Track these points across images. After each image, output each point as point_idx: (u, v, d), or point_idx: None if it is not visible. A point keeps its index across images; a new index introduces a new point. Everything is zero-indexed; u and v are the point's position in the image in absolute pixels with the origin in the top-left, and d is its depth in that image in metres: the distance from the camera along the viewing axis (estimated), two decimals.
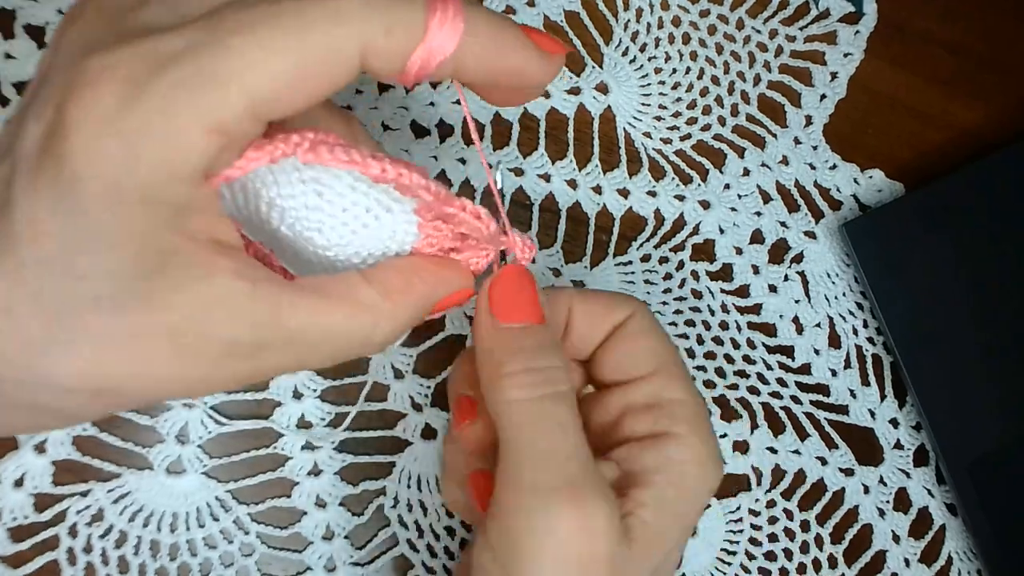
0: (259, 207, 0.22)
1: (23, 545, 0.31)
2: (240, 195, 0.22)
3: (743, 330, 0.39)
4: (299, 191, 0.22)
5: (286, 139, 0.20)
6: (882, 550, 0.39)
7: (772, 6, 0.42)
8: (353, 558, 0.34)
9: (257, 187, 0.21)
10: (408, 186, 0.22)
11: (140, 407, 0.19)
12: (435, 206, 0.22)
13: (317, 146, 0.20)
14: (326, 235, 0.22)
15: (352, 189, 0.22)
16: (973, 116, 0.43)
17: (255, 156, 0.20)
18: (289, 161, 0.21)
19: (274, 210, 0.22)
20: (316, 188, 0.22)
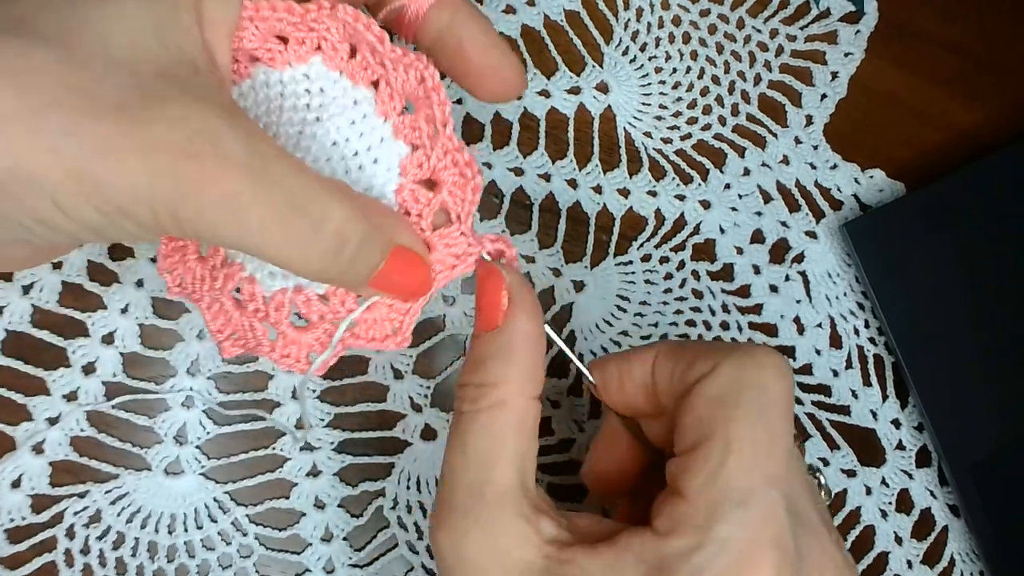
0: (262, 117, 0.23)
1: (20, 547, 0.31)
2: (252, 99, 0.23)
3: (744, 330, 0.39)
4: (300, 114, 0.22)
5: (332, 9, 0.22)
6: (884, 552, 0.38)
7: (772, 5, 0.42)
8: (352, 560, 0.34)
9: (266, 96, 0.23)
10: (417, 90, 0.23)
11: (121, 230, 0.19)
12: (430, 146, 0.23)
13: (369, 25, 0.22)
14: (307, 161, 0.23)
15: (351, 124, 0.23)
16: (973, 116, 0.43)
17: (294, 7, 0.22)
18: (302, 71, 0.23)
19: (272, 115, 0.23)
20: (317, 115, 0.22)
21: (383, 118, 0.23)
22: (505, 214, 0.37)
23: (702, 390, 0.23)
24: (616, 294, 0.38)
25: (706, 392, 0.23)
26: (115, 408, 0.32)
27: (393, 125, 0.23)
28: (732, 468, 0.21)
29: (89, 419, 0.32)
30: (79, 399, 0.32)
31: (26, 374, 0.32)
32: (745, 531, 0.21)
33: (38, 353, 0.32)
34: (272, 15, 0.22)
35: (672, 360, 0.25)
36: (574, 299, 0.37)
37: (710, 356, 0.23)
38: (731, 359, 0.23)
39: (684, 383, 0.24)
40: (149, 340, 0.33)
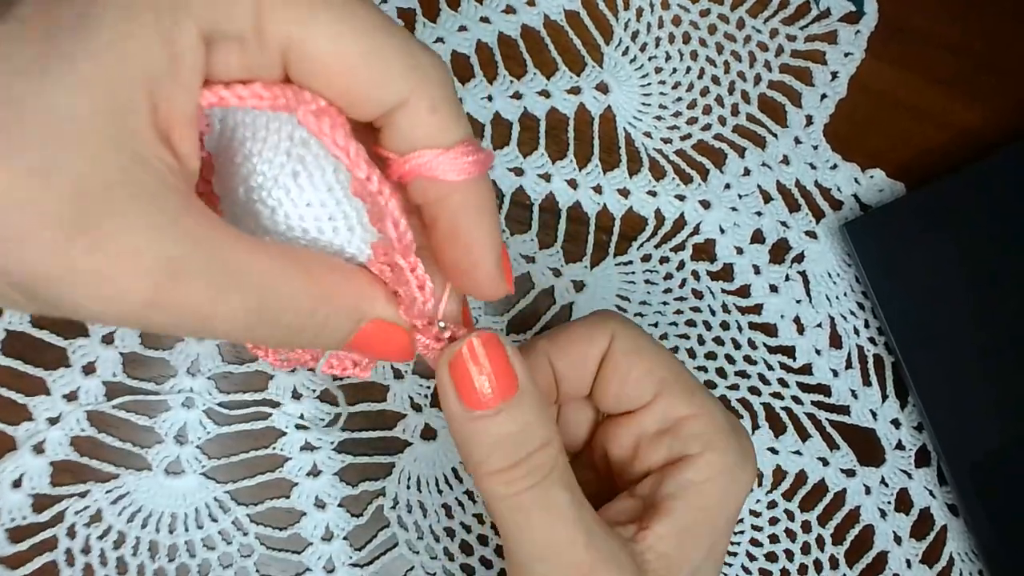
0: (235, 156, 0.21)
1: (21, 546, 0.31)
2: (227, 134, 0.21)
3: (744, 330, 0.39)
4: (279, 161, 0.21)
5: (299, 92, 0.19)
6: (884, 551, 0.38)
7: (772, 6, 0.42)
8: (352, 559, 0.34)
9: (243, 136, 0.21)
10: (381, 210, 0.20)
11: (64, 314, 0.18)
12: (392, 249, 0.21)
13: (322, 114, 0.19)
14: (277, 218, 0.21)
15: (328, 189, 0.21)
16: (973, 116, 0.43)
17: (259, 93, 0.19)
18: (286, 121, 0.20)
19: (246, 166, 0.21)
20: (295, 168, 0.21)
21: (359, 200, 0.21)
22: (505, 214, 0.37)
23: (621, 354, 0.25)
24: (616, 294, 0.38)
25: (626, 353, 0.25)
26: (115, 408, 0.32)
27: (367, 210, 0.21)
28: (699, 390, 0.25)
29: (90, 419, 0.32)
30: (79, 399, 0.32)
31: (26, 374, 0.32)
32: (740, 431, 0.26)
33: (38, 353, 0.32)
34: (236, 101, 0.19)
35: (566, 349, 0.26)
36: (574, 299, 0.37)
37: (601, 328, 0.26)
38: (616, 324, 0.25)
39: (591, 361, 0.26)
40: (149, 340, 0.33)
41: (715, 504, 0.24)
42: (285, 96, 0.19)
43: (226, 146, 0.21)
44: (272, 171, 0.21)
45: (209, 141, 0.22)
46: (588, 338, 0.25)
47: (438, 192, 0.20)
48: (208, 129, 0.22)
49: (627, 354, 0.25)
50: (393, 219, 0.20)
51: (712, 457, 0.24)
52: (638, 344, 0.25)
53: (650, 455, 0.25)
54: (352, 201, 0.21)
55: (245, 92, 0.18)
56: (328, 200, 0.21)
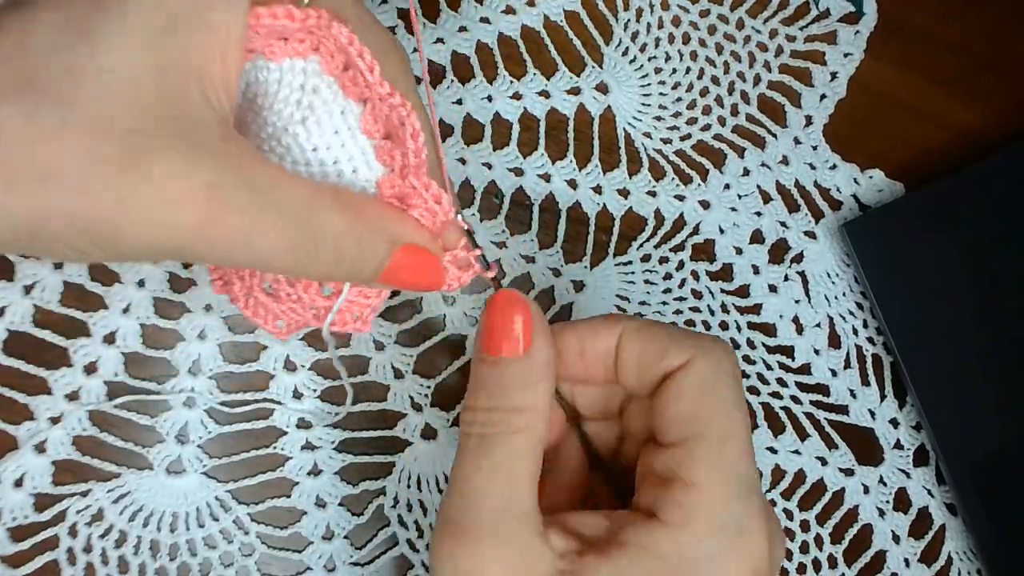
0: (248, 114, 0.23)
1: (23, 545, 0.31)
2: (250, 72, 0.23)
3: (743, 330, 0.39)
4: (288, 112, 0.23)
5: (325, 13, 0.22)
6: (882, 550, 0.39)
7: (772, 6, 0.42)
8: (353, 558, 0.34)
9: (254, 93, 0.23)
10: (397, 128, 0.23)
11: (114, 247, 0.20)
12: (397, 182, 0.23)
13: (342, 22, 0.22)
14: (285, 163, 0.23)
15: (335, 132, 0.23)
16: (973, 116, 0.43)
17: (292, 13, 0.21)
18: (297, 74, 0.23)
19: (258, 120, 0.23)
20: (303, 114, 0.23)
21: (366, 136, 0.24)
22: (505, 214, 0.37)
23: (684, 382, 0.24)
24: (616, 294, 0.38)
25: (689, 384, 0.24)
26: (117, 407, 0.32)
27: (374, 146, 0.24)
28: (733, 456, 0.23)
29: (91, 418, 0.32)
30: (81, 398, 0.32)
31: (28, 374, 0.32)
32: (751, 509, 0.23)
33: (40, 353, 0.32)
34: (273, 23, 0.22)
35: (642, 342, 0.25)
36: (574, 299, 0.37)
37: (683, 346, 0.24)
38: (704, 350, 0.24)
39: (658, 368, 0.24)
40: (150, 340, 0.33)
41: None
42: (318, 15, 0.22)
43: (242, 106, 0.23)
44: (281, 121, 0.23)
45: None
46: (666, 347, 0.24)
47: None
48: None
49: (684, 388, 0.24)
50: (413, 130, 0.22)
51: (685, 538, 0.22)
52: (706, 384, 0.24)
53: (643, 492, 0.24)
54: (358, 141, 0.23)
55: (281, 11, 0.21)
56: (334, 142, 0.23)
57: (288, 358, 0.34)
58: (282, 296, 0.26)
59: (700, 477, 0.22)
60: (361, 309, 0.26)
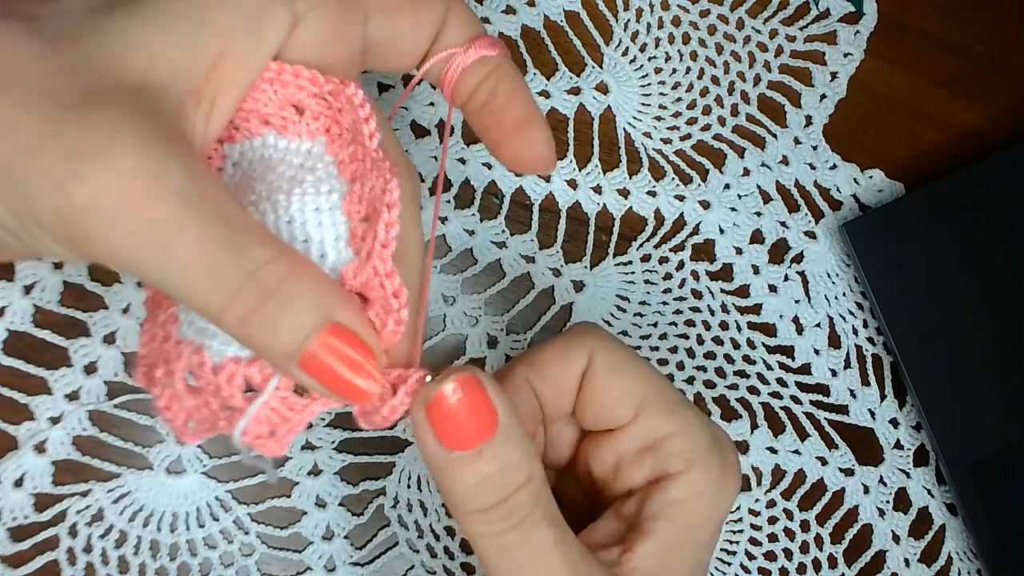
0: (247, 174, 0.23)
1: (23, 545, 0.31)
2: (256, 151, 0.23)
3: (743, 330, 0.39)
4: (280, 181, 0.22)
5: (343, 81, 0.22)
6: (882, 550, 0.39)
7: (772, 6, 0.42)
8: (353, 558, 0.34)
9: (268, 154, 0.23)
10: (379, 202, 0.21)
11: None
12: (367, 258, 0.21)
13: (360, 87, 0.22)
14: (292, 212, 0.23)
15: (315, 210, 0.22)
16: (973, 117, 0.43)
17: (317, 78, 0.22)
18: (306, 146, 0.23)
19: (250, 183, 0.23)
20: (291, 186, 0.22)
21: (346, 217, 0.22)
22: (505, 214, 0.37)
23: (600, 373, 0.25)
24: (616, 294, 0.38)
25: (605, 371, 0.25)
26: (117, 407, 0.32)
27: (350, 229, 0.22)
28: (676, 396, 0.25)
29: (91, 418, 0.32)
30: (81, 398, 0.32)
31: (28, 374, 0.32)
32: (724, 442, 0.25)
33: (40, 353, 0.32)
34: (293, 80, 0.22)
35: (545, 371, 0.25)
36: (574, 299, 0.37)
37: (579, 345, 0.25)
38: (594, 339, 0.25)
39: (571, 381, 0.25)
40: None
41: (699, 521, 0.24)
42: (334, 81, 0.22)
43: (235, 175, 0.23)
44: (268, 190, 0.22)
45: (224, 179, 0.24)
46: (566, 358, 0.25)
47: (487, 70, 0.25)
48: (220, 174, 0.24)
49: (606, 372, 0.25)
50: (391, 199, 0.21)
51: (695, 475, 0.24)
52: (617, 361, 0.25)
53: (632, 474, 0.25)
54: (336, 222, 0.22)
55: (306, 74, 0.22)
56: (311, 219, 0.22)
57: None
58: (201, 386, 0.22)
59: (672, 424, 0.24)
60: (280, 422, 0.21)
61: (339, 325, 0.19)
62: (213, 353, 0.21)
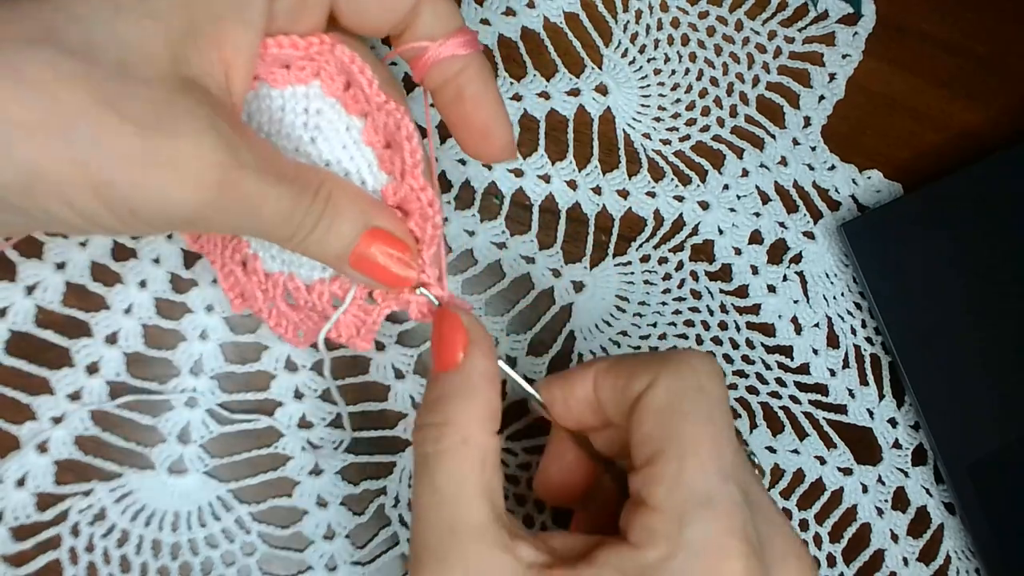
0: (264, 119, 0.25)
1: (25, 544, 0.31)
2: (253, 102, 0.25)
3: (742, 330, 0.39)
4: (297, 131, 0.25)
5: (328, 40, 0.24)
6: (880, 549, 0.39)
7: (771, 7, 0.42)
8: (354, 557, 0.34)
9: (260, 122, 0.25)
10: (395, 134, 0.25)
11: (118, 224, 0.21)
12: (400, 185, 0.25)
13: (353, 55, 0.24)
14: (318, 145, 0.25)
15: (343, 147, 0.25)
16: (972, 117, 0.43)
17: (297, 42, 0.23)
18: (300, 99, 0.25)
19: (273, 126, 0.25)
20: (312, 134, 0.25)
21: (370, 147, 0.25)
22: (505, 215, 0.37)
23: (647, 404, 0.24)
24: (615, 294, 0.38)
25: (651, 405, 0.24)
26: (119, 407, 0.33)
27: (377, 155, 0.25)
28: (691, 472, 0.22)
29: (93, 418, 0.32)
30: (83, 398, 0.32)
31: (30, 374, 0.32)
32: (713, 529, 0.22)
33: (42, 353, 0.32)
34: (279, 52, 0.24)
35: (612, 377, 0.25)
36: (573, 299, 0.37)
37: (648, 369, 0.24)
38: (667, 369, 0.24)
39: (627, 398, 0.25)
40: (152, 340, 0.33)
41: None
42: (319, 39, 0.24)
43: (254, 115, 0.25)
44: (291, 143, 0.25)
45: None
46: (631, 374, 0.25)
47: (457, 68, 0.26)
48: None
49: (647, 410, 0.24)
50: (408, 132, 0.24)
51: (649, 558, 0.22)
52: (669, 400, 0.24)
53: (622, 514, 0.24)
54: (364, 153, 0.25)
55: (286, 41, 0.23)
56: (343, 155, 0.25)
57: (289, 358, 0.34)
58: (300, 304, 0.28)
59: (659, 498, 0.22)
60: (360, 323, 0.28)
61: (376, 228, 0.24)
62: (303, 278, 0.27)
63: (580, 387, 0.26)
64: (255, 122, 0.26)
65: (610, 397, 0.26)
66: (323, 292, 0.27)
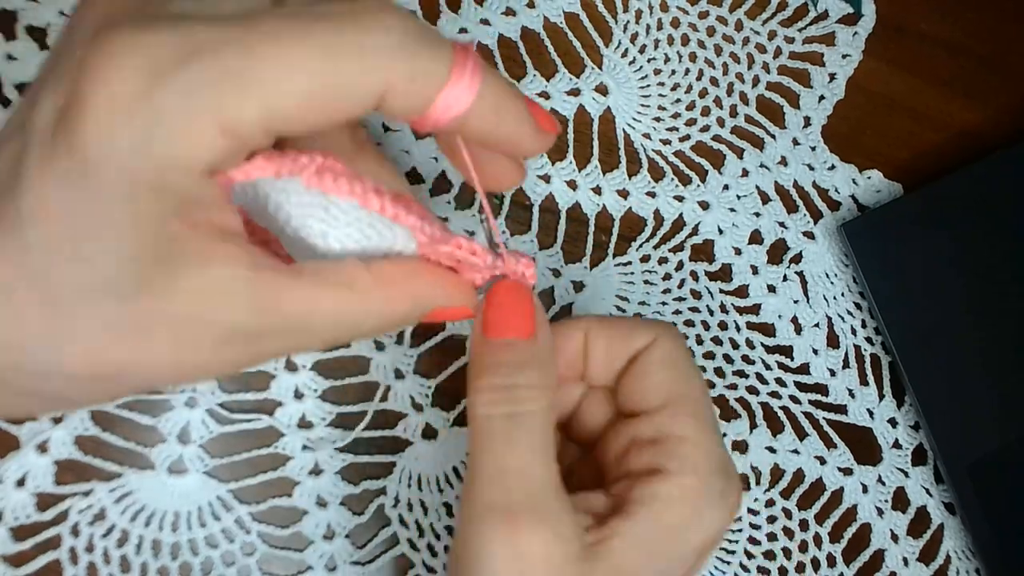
0: (267, 205, 0.22)
1: (25, 544, 0.31)
2: (250, 190, 0.22)
3: (742, 330, 0.39)
4: (307, 202, 0.22)
5: (296, 159, 0.21)
6: (880, 549, 0.39)
7: (771, 7, 0.42)
8: (354, 557, 0.34)
9: (266, 189, 0.22)
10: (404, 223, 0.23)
11: (139, 392, 0.19)
12: (431, 244, 0.23)
13: (323, 173, 0.21)
14: (330, 242, 0.22)
15: (357, 208, 0.22)
16: (972, 117, 0.43)
17: (262, 166, 0.20)
18: (294, 180, 0.21)
19: (280, 212, 0.22)
20: (323, 203, 0.22)
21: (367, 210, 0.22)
22: (505, 215, 0.37)
23: (655, 357, 0.26)
24: (615, 294, 0.38)
25: (660, 357, 0.26)
26: (119, 407, 0.33)
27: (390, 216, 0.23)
28: (709, 412, 0.26)
29: (93, 418, 0.32)
30: None
31: None
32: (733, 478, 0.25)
33: None
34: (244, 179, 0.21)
35: (608, 331, 0.27)
36: (573, 299, 0.37)
37: (646, 330, 0.26)
38: (663, 331, 0.26)
39: (623, 353, 0.26)
40: None
41: (678, 526, 0.24)
42: (284, 166, 0.20)
43: (253, 200, 0.22)
44: (304, 212, 0.22)
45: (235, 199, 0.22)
46: (630, 332, 0.27)
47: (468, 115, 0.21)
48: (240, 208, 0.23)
49: (656, 361, 0.26)
50: (418, 228, 0.22)
51: (690, 481, 0.24)
52: (672, 356, 0.26)
53: (637, 458, 0.25)
54: (372, 222, 0.23)
55: (249, 168, 0.20)
56: (362, 216, 0.22)
57: (289, 358, 0.34)
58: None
59: (690, 430, 0.25)
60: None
61: (433, 312, 0.24)
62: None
63: (571, 341, 0.27)
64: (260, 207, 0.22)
65: (603, 352, 0.27)
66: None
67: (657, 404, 0.26)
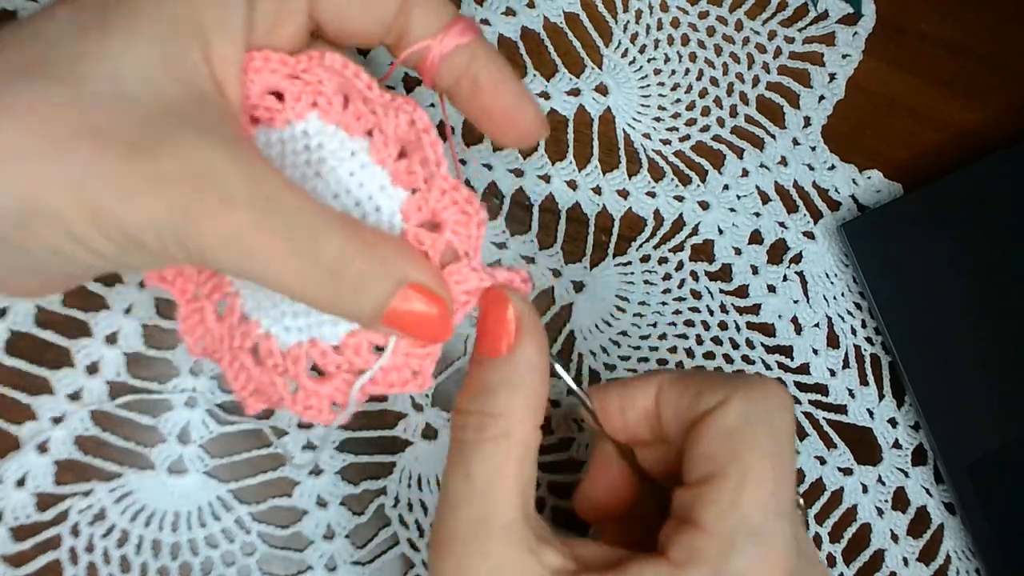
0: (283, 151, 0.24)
1: (25, 544, 0.31)
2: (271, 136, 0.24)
3: (742, 330, 0.39)
4: (300, 169, 0.23)
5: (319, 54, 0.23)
6: (880, 549, 0.39)
7: (771, 7, 0.42)
8: (354, 557, 0.34)
9: (268, 153, 0.23)
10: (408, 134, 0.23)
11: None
12: (426, 184, 0.23)
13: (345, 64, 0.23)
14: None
15: (350, 175, 0.23)
16: (972, 117, 0.43)
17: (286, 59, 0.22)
18: (299, 139, 0.23)
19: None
20: (317, 168, 0.23)
21: (380, 166, 0.23)
22: (505, 215, 0.37)
23: (713, 423, 0.23)
24: (615, 294, 0.38)
25: (718, 425, 0.23)
26: (119, 407, 0.33)
27: (390, 172, 0.23)
28: (748, 502, 0.22)
29: (93, 418, 0.32)
30: (83, 398, 0.32)
31: (30, 374, 0.32)
32: (760, 563, 0.21)
33: (42, 353, 0.32)
34: (265, 66, 0.22)
35: (678, 390, 0.25)
36: (573, 299, 0.37)
37: (719, 388, 0.24)
38: (740, 393, 0.23)
39: (692, 414, 0.24)
40: (152, 340, 0.33)
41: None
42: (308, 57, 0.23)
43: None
44: (298, 175, 0.23)
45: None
46: (699, 390, 0.24)
47: (466, 58, 0.24)
48: None
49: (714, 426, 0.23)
50: (423, 124, 0.23)
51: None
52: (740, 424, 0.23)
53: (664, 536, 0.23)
54: (374, 175, 0.23)
55: (274, 57, 0.22)
56: (352, 184, 0.23)
57: None
58: (331, 371, 0.24)
59: (709, 520, 0.22)
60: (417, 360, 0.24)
61: (411, 285, 0.22)
62: (328, 339, 0.24)
63: (642, 397, 0.26)
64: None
65: (673, 411, 0.25)
66: (360, 344, 0.23)
67: (693, 479, 0.23)
